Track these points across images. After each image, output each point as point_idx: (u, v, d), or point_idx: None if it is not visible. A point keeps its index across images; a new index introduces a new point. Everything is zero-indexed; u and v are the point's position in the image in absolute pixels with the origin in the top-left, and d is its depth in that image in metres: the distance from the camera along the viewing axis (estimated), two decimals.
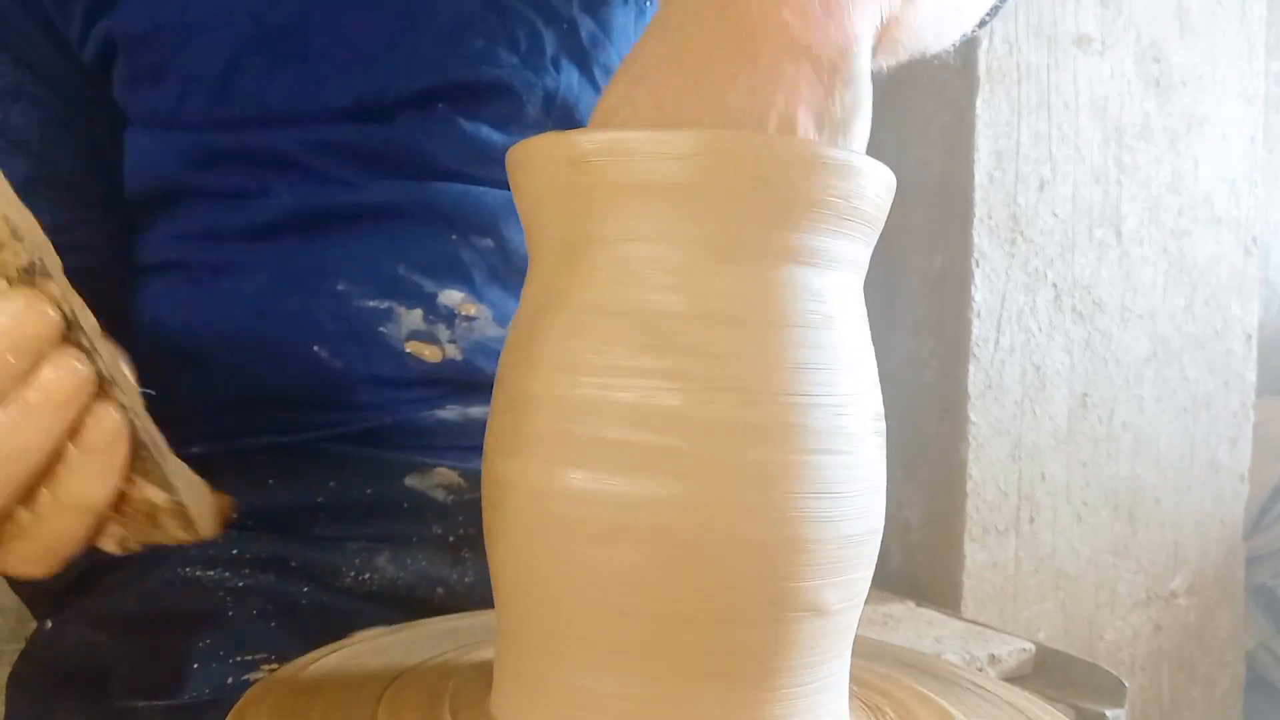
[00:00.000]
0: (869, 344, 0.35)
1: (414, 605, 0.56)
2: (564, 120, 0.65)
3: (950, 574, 1.10)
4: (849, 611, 0.34)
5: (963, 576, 1.09)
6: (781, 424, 0.31)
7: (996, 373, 1.10)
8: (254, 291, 0.60)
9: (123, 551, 0.38)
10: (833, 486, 0.32)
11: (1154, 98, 1.18)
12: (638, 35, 0.51)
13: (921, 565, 1.14)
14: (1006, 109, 1.09)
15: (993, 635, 0.94)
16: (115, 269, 0.66)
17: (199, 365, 0.62)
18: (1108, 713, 0.78)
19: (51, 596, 0.60)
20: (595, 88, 0.66)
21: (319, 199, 0.60)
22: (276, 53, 0.59)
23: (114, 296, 0.65)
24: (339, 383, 0.59)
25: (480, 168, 0.61)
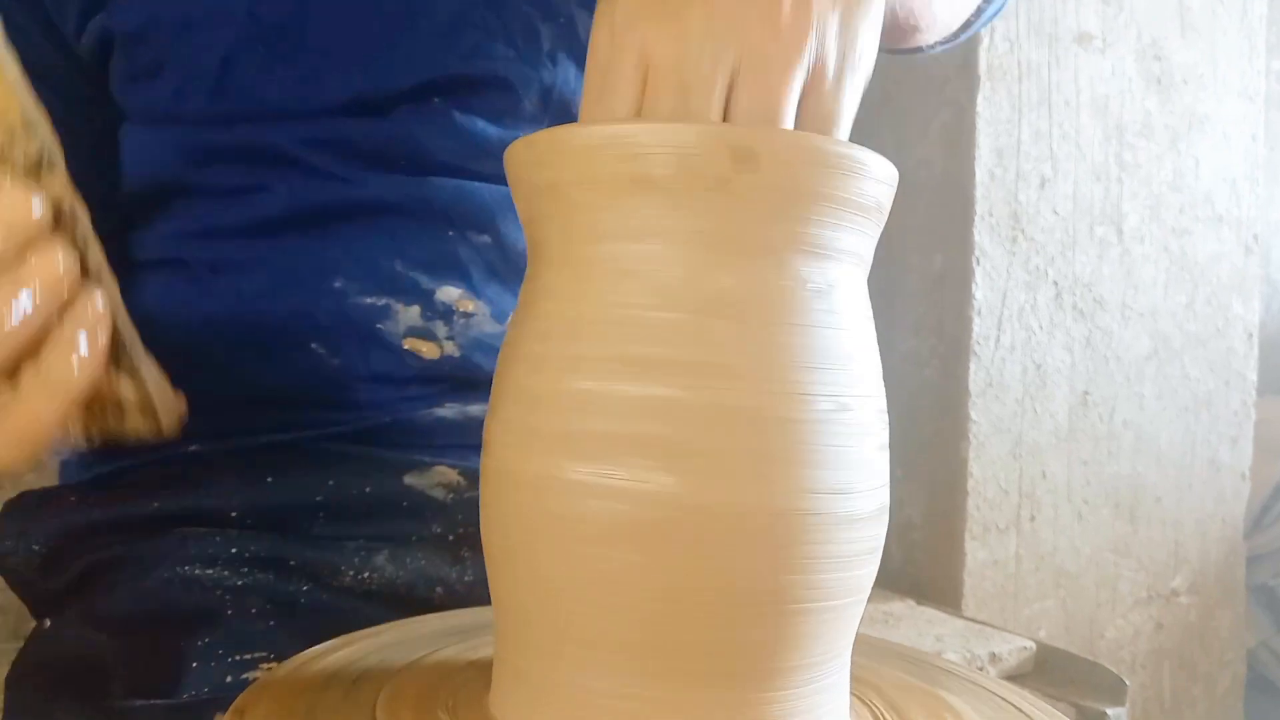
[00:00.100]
0: (873, 337, 0.35)
1: (413, 604, 0.56)
2: (561, 115, 0.65)
3: (951, 572, 1.10)
4: (850, 608, 0.34)
5: (963, 575, 1.09)
6: (784, 417, 0.31)
7: (997, 371, 1.10)
8: (252, 289, 0.60)
9: (85, 443, 0.39)
10: (835, 480, 0.32)
11: (1155, 96, 1.18)
12: None
13: (922, 563, 1.14)
14: (1007, 107, 1.09)
15: (993, 633, 0.94)
16: (114, 268, 0.66)
17: (197, 363, 0.62)
18: (1109, 711, 0.78)
19: (50, 596, 0.60)
20: None
21: (316, 195, 0.60)
22: (274, 49, 0.59)
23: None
24: (337, 380, 0.59)
25: (477, 162, 0.61)
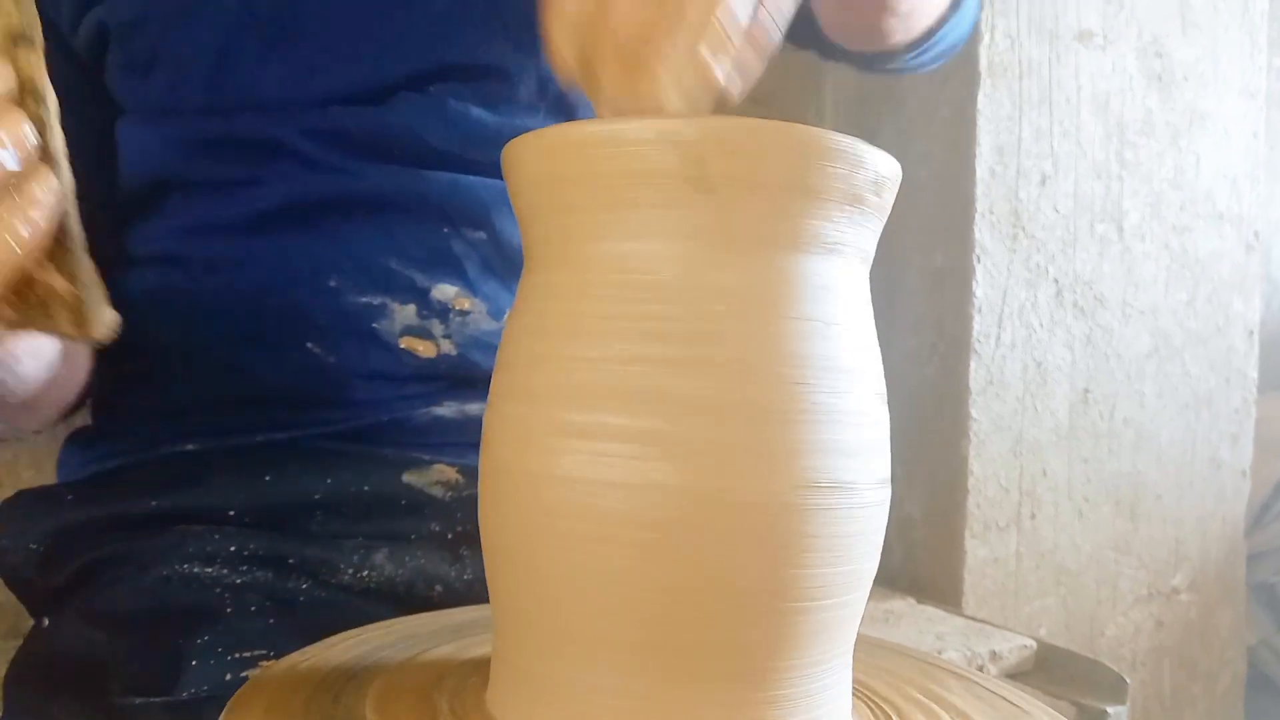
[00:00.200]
0: (873, 332, 0.35)
1: (412, 602, 0.56)
2: (557, 103, 0.64)
3: (951, 570, 1.10)
4: (851, 604, 0.34)
5: (964, 573, 1.08)
6: (783, 410, 0.31)
7: (998, 368, 1.09)
8: (248, 288, 0.60)
9: (9, 333, 0.39)
10: (835, 473, 0.32)
11: (1156, 93, 1.18)
12: None
13: (923, 561, 1.14)
14: (1008, 104, 1.09)
15: (994, 632, 0.93)
16: (110, 265, 0.66)
17: (194, 361, 0.62)
18: (1109, 709, 0.78)
19: (49, 594, 0.59)
20: None
21: (312, 187, 0.59)
22: (268, 39, 0.59)
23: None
24: (334, 379, 0.59)
25: (474, 150, 0.61)
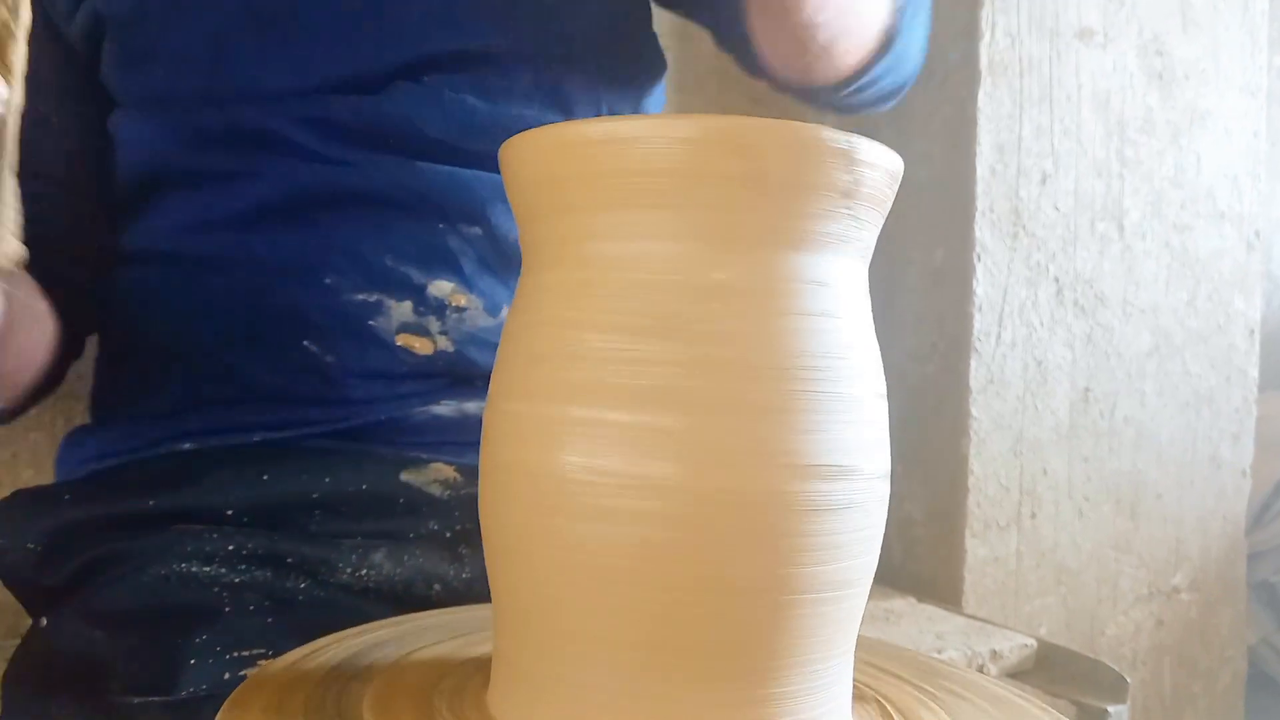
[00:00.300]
0: (871, 328, 0.35)
1: (411, 601, 0.56)
2: (552, 93, 0.64)
3: (951, 569, 1.10)
4: (851, 599, 0.33)
5: (964, 572, 1.08)
6: (783, 404, 0.31)
7: (998, 367, 1.09)
8: (245, 287, 0.60)
9: None
10: (835, 468, 0.32)
11: (1156, 91, 1.17)
12: None
13: (923, 560, 1.14)
14: (1009, 102, 1.09)
15: (994, 631, 0.93)
16: (96, 262, 0.67)
17: (191, 361, 0.62)
18: (1110, 708, 0.78)
19: (47, 593, 0.59)
20: None
21: (307, 179, 0.59)
22: (264, 29, 0.59)
23: (85, 286, 0.66)
24: (331, 378, 0.59)
25: (469, 140, 0.60)
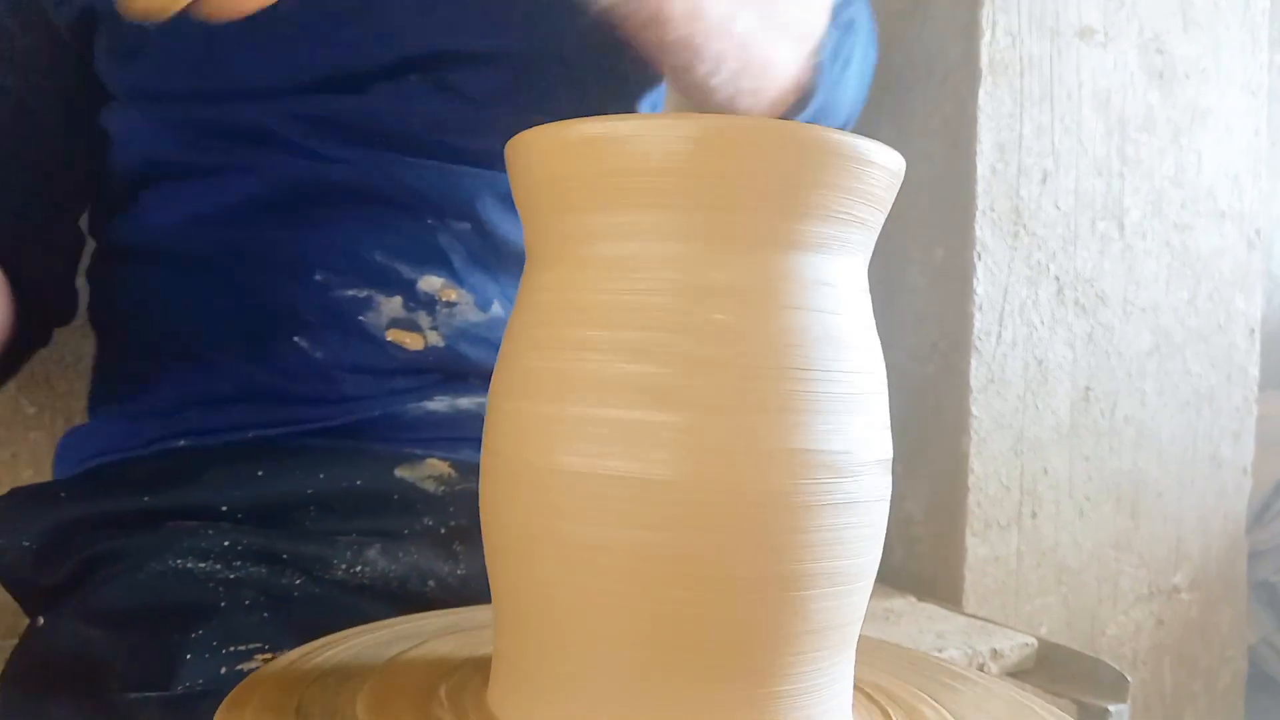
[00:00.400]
0: (872, 324, 0.34)
1: (406, 598, 0.56)
2: (536, 88, 0.64)
3: (952, 568, 1.09)
4: (853, 597, 0.33)
5: (964, 571, 1.08)
6: (784, 400, 0.31)
7: (998, 366, 1.09)
8: (235, 284, 0.60)
9: None
10: (836, 463, 0.31)
11: (1157, 90, 1.17)
12: None
13: (923, 560, 1.14)
14: (1009, 101, 1.09)
15: (995, 630, 0.93)
16: (73, 252, 0.68)
17: (184, 358, 0.62)
18: (1111, 708, 0.77)
19: (44, 592, 0.59)
20: None
21: (297, 175, 0.59)
22: (254, 26, 0.59)
23: (60, 276, 0.67)
24: (322, 374, 0.59)
25: (456, 138, 0.60)
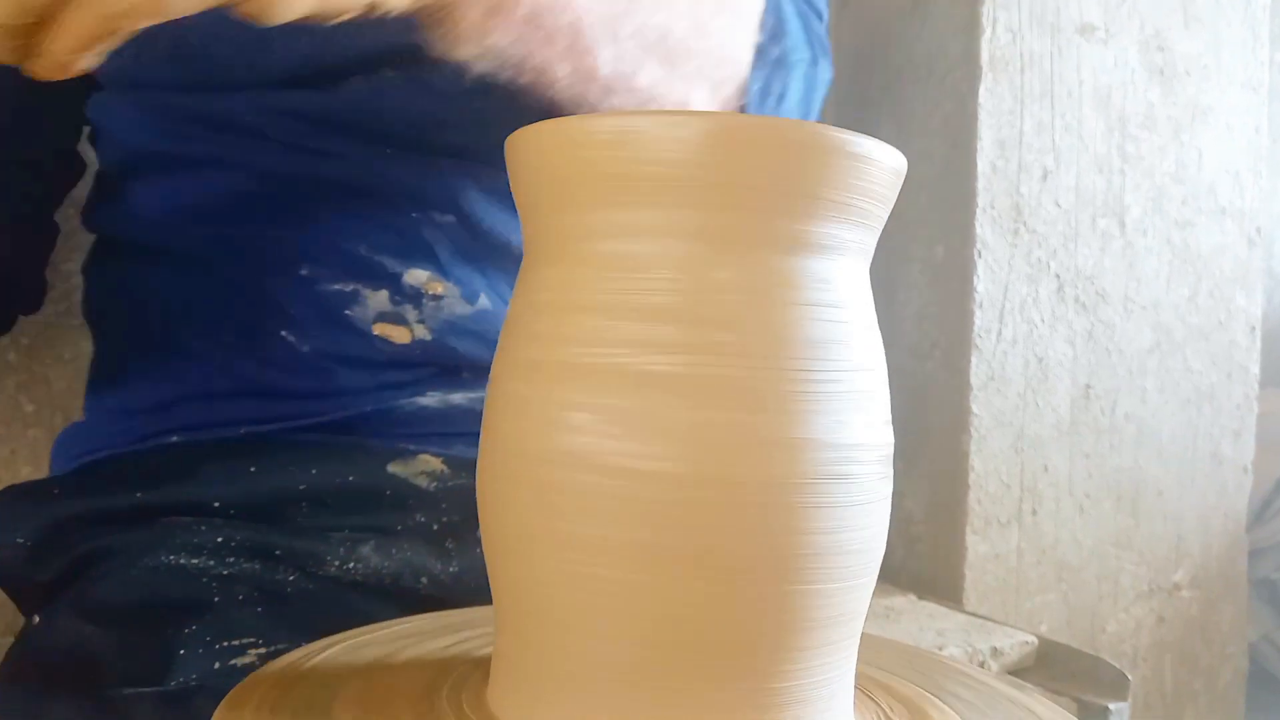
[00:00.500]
0: (875, 325, 0.34)
1: (399, 595, 0.56)
2: (516, 81, 0.64)
3: (952, 566, 1.09)
4: (855, 591, 0.33)
5: (965, 569, 1.08)
6: (785, 391, 0.30)
7: (999, 364, 1.09)
8: (222, 279, 0.60)
9: None
10: (837, 456, 0.31)
11: (1158, 87, 1.17)
12: None
13: (923, 558, 1.14)
14: (1010, 98, 1.08)
15: (995, 628, 0.93)
16: (41, 244, 0.70)
17: (175, 353, 0.62)
18: (1111, 706, 0.77)
19: (39, 589, 0.59)
20: None
21: (279, 167, 0.59)
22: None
23: (38, 269, 0.67)
24: (310, 368, 0.59)
25: (436, 132, 0.60)
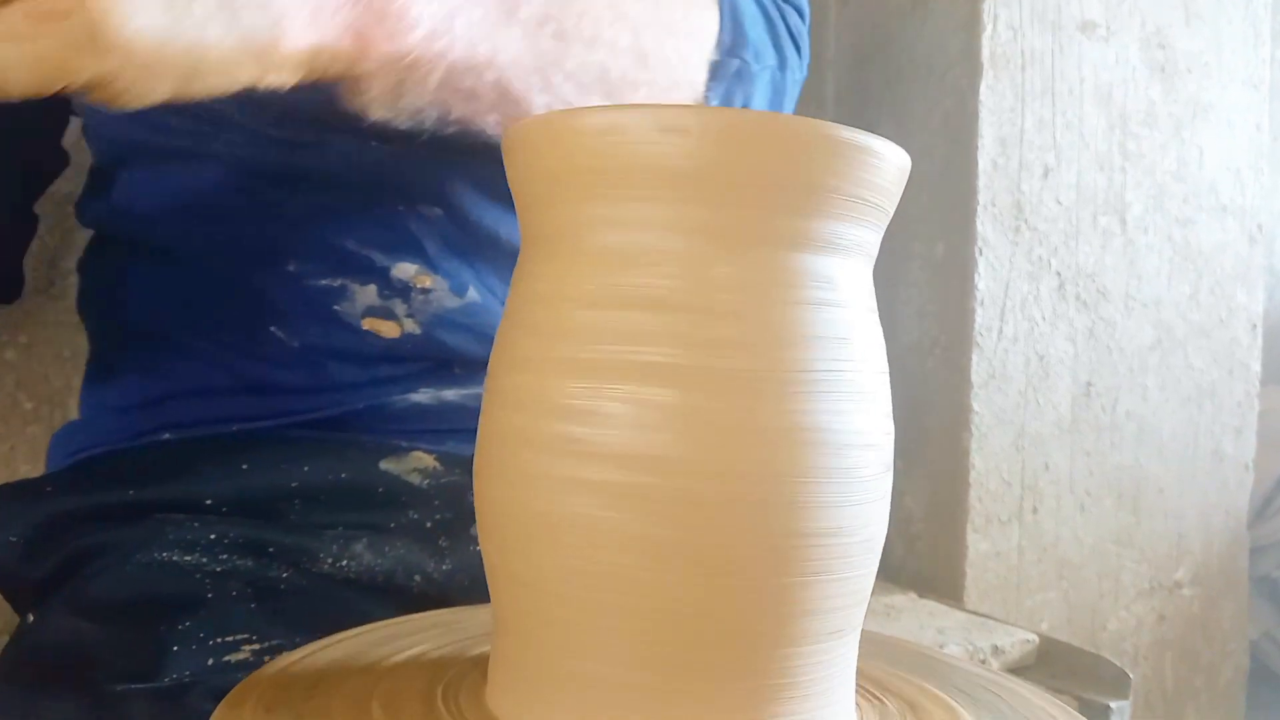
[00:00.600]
0: (876, 322, 0.34)
1: (393, 592, 0.56)
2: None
3: (953, 564, 1.09)
4: (854, 584, 0.33)
5: (965, 567, 1.08)
6: (784, 382, 0.30)
7: (1000, 361, 1.09)
8: (211, 275, 0.60)
9: None
10: (837, 450, 0.31)
11: (1159, 84, 1.17)
12: None
13: (924, 556, 1.13)
14: (1011, 95, 1.08)
15: (996, 626, 0.93)
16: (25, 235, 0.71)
17: (167, 350, 0.62)
18: (1112, 704, 0.77)
19: (32, 587, 0.59)
20: None
21: (263, 161, 0.59)
22: None
23: (15, 262, 0.68)
24: (300, 364, 0.59)
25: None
